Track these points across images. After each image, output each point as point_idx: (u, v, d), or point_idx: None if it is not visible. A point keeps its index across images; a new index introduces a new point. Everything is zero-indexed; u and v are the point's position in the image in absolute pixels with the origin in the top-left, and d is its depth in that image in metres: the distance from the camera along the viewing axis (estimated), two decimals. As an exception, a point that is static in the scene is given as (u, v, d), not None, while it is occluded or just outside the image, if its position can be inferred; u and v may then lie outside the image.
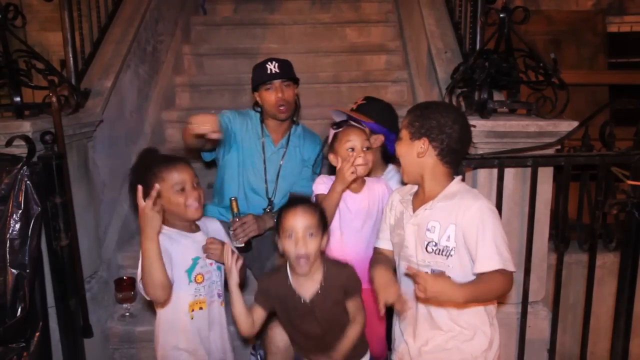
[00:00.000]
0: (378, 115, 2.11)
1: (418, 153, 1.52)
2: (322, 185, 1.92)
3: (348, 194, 1.89)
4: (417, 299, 1.48)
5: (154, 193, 1.48)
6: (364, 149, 1.86)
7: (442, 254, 1.48)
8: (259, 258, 2.23)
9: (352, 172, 1.76)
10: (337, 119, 2.10)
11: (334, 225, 1.89)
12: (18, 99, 1.95)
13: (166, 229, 1.67)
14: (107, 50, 2.70)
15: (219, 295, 1.79)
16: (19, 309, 1.78)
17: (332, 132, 1.94)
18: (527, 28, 2.14)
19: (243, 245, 2.09)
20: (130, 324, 2.35)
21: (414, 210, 1.57)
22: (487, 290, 1.43)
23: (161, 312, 1.73)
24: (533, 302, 2.05)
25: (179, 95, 3.58)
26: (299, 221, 1.54)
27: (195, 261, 1.71)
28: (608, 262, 2.37)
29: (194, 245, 1.72)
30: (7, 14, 1.95)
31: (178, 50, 3.69)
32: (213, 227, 1.86)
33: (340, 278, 1.62)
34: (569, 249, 2.07)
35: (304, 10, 4.20)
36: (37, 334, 1.86)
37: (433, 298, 1.36)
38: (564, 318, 2.24)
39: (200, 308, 1.72)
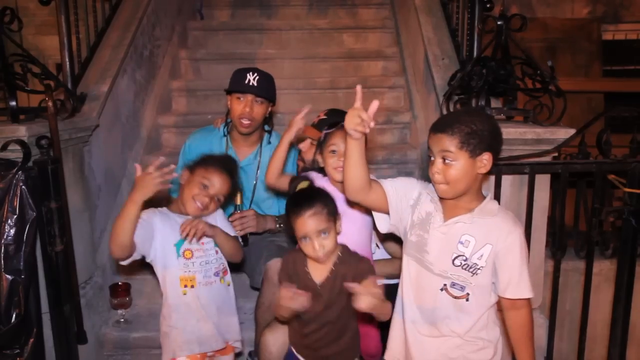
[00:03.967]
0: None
1: (480, 168, 1.41)
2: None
3: (340, 196, 1.86)
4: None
5: (157, 163, 1.57)
6: None
7: (469, 270, 1.43)
8: (249, 263, 2.18)
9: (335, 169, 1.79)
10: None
11: None
12: (13, 103, 1.93)
13: (165, 210, 1.80)
14: (104, 54, 2.69)
15: (216, 275, 1.81)
16: (14, 315, 1.75)
17: (323, 133, 1.92)
18: (523, 35, 2.15)
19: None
20: (125, 330, 2.32)
21: (445, 218, 1.48)
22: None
23: (163, 290, 1.78)
24: (530, 309, 2.05)
25: (176, 100, 3.57)
26: (310, 226, 1.54)
27: None
28: (604, 269, 2.37)
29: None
30: (3, 17, 1.94)
31: (175, 55, 3.68)
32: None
33: (352, 268, 1.60)
34: (565, 256, 2.07)
35: (301, 16, 4.21)
36: (32, 340, 1.84)
37: None
38: (560, 325, 2.23)
39: (192, 286, 1.75)
